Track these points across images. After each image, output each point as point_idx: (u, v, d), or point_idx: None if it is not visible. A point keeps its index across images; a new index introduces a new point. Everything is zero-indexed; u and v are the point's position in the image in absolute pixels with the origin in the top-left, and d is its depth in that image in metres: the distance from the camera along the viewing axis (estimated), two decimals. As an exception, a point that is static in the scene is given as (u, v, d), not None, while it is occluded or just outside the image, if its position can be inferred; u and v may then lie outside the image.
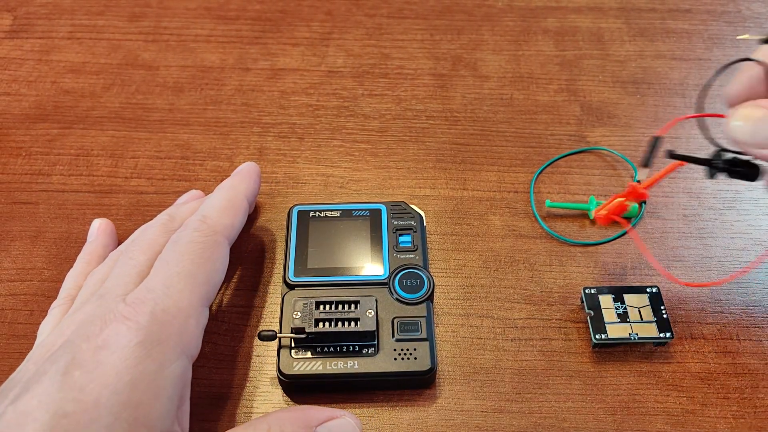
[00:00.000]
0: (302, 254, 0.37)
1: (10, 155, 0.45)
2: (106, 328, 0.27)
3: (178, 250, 0.31)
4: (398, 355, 0.33)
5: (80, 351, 0.26)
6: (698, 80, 0.49)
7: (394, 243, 0.37)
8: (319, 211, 0.38)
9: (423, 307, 0.35)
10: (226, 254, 0.33)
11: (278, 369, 0.33)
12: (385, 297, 0.35)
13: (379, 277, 0.36)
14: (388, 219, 0.38)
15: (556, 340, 0.36)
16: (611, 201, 0.37)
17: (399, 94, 0.49)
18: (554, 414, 0.34)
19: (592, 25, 0.53)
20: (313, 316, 0.33)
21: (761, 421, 0.34)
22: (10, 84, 0.49)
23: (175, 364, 0.28)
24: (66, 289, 0.35)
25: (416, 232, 0.38)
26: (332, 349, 0.33)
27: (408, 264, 0.36)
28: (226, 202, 0.35)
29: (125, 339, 0.27)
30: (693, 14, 0.54)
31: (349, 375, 0.33)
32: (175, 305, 0.29)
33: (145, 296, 0.28)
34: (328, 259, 0.36)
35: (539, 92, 0.49)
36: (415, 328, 0.34)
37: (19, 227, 0.41)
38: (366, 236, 0.37)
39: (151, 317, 0.28)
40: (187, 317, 0.29)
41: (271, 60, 0.51)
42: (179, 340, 0.28)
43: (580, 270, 0.39)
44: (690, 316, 0.37)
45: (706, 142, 0.34)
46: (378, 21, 0.53)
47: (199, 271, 0.30)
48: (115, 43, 0.52)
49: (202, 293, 0.30)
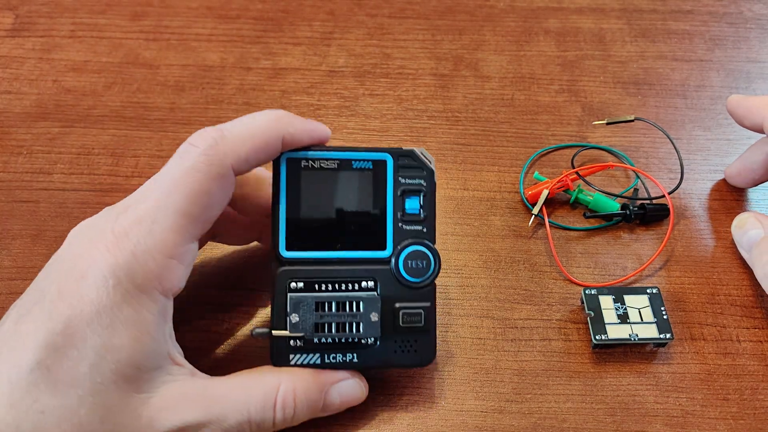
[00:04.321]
0: (294, 221, 0.31)
1: (11, 154, 0.45)
2: (93, 257, 0.27)
3: (175, 175, 0.28)
4: (399, 348, 0.32)
5: (68, 274, 0.27)
6: (699, 81, 0.49)
7: (399, 209, 0.32)
8: (313, 160, 0.32)
9: (427, 292, 0.32)
10: (228, 186, 0.29)
11: (272, 361, 0.31)
12: (388, 277, 0.32)
13: (381, 254, 0.32)
14: (394, 176, 0.32)
15: (556, 341, 0.36)
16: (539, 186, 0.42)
17: (400, 94, 0.49)
18: (554, 414, 0.34)
19: (593, 26, 0.53)
20: (312, 320, 0.31)
21: (761, 422, 0.34)
22: (11, 82, 0.49)
23: (155, 305, 0.27)
24: None
25: (426, 194, 0.32)
26: (330, 340, 0.31)
27: (414, 239, 0.32)
28: (250, 130, 0.29)
29: (102, 274, 0.26)
30: (694, 15, 0.54)
31: (348, 367, 0.32)
32: (159, 245, 0.27)
33: (130, 229, 0.27)
34: (324, 228, 0.32)
35: (540, 93, 0.49)
36: (417, 318, 0.32)
37: (19, 226, 0.41)
38: (368, 198, 0.32)
39: (132, 257, 0.27)
40: (170, 257, 0.27)
41: (273, 59, 0.51)
42: (159, 283, 0.27)
43: (580, 270, 0.39)
44: (690, 318, 0.37)
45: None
46: (379, 21, 0.53)
47: (192, 206, 0.28)
48: (116, 42, 0.52)
49: (192, 230, 0.28)
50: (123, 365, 0.26)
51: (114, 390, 0.26)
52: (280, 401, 0.29)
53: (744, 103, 0.39)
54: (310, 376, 0.31)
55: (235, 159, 0.29)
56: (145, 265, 0.27)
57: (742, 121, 0.40)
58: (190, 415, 0.27)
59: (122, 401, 0.26)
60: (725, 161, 0.44)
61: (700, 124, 0.47)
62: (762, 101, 0.39)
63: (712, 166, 0.44)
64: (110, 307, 0.26)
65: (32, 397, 0.25)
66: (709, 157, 0.45)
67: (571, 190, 0.42)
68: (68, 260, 0.27)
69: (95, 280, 0.26)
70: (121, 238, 0.27)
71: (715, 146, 0.46)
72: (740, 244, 0.39)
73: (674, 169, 0.44)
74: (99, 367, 0.26)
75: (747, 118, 0.39)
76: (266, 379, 0.30)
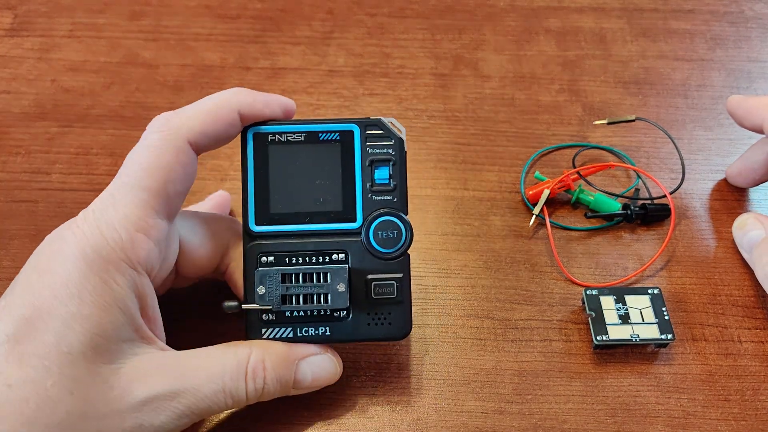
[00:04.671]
0: (262, 195, 0.32)
1: (9, 154, 0.44)
2: (63, 237, 0.28)
3: (132, 157, 0.29)
4: (372, 320, 0.32)
5: (41, 255, 0.28)
6: (700, 81, 0.49)
7: (368, 180, 0.32)
8: (279, 134, 0.32)
9: (399, 263, 0.32)
10: (187, 161, 0.30)
11: (246, 334, 0.31)
12: (359, 249, 0.32)
13: (351, 225, 0.32)
14: (362, 146, 0.32)
15: (557, 342, 0.36)
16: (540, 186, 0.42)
17: (400, 94, 0.48)
18: (555, 415, 0.34)
19: (594, 25, 0.53)
20: (279, 292, 0.31)
21: (762, 423, 0.33)
22: (9, 82, 0.49)
23: (122, 277, 0.27)
24: None
25: (395, 163, 0.32)
26: (303, 313, 0.31)
27: (384, 209, 0.32)
28: (203, 105, 0.30)
29: (70, 249, 0.27)
30: (695, 14, 0.54)
31: (320, 340, 0.32)
32: (122, 219, 0.28)
33: (94, 206, 0.29)
34: (293, 201, 0.32)
35: (541, 92, 0.48)
36: (390, 290, 0.31)
37: (18, 226, 0.41)
38: (336, 169, 0.32)
39: (97, 230, 0.28)
40: (134, 231, 0.28)
41: (272, 59, 0.50)
42: (125, 255, 0.28)
43: (581, 271, 0.39)
44: (691, 318, 0.37)
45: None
46: (379, 20, 0.53)
47: (150, 180, 0.28)
48: (115, 42, 0.51)
49: (155, 204, 0.29)
50: (92, 335, 0.26)
51: (82, 361, 0.26)
52: (250, 371, 0.29)
53: (744, 103, 0.40)
54: (281, 348, 0.31)
55: (189, 131, 0.30)
56: (110, 238, 0.28)
57: (742, 121, 0.40)
58: (162, 385, 0.27)
59: (92, 373, 0.26)
60: (726, 161, 0.44)
61: (701, 124, 0.47)
62: (761, 102, 0.39)
63: (713, 166, 0.44)
64: (78, 279, 0.27)
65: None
66: (711, 157, 0.45)
67: (572, 190, 0.42)
68: (46, 244, 0.29)
69: (64, 255, 0.27)
70: (87, 215, 0.28)
71: (716, 146, 0.45)
72: (741, 245, 0.39)
73: (675, 169, 0.44)
74: (66, 338, 0.26)
75: (747, 119, 0.39)
76: (239, 350, 0.30)
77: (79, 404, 0.25)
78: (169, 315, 0.31)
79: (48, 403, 0.25)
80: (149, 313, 0.29)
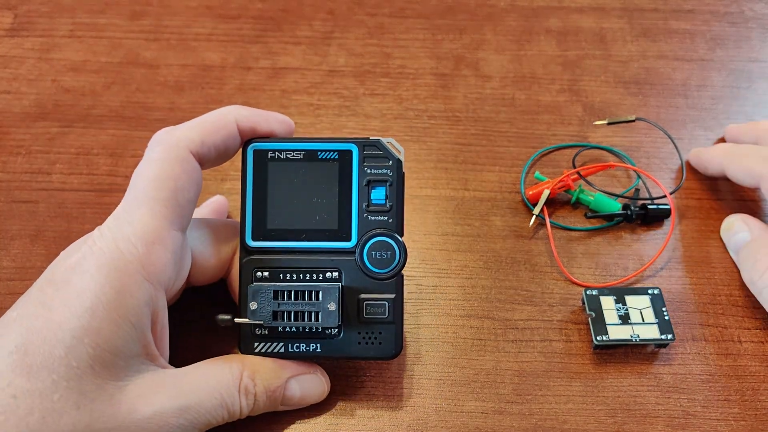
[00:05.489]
0: (260, 211, 0.32)
1: (9, 154, 0.44)
2: (79, 251, 0.28)
3: (139, 172, 0.30)
4: (362, 339, 0.32)
5: (57, 268, 0.28)
6: (701, 81, 0.49)
7: (365, 200, 0.32)
8: (279, 151, 0.33)
9: (392, 283, 0.32)
10: (192, 170, 0.30)
11: (239, 348, 0.32)
12: (353, 268, 0.32)
13: (346, 245, 0.32)
14: (359, 166, 0.32)
15: (557, 342, 0.36)
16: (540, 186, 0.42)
17: (400, 94, 0.48)
18: (555, 416, 0.34)
19: (594, 25, 0.53)
20: (270, 308, 0.31)
21: (762, 423, 0.33)
22: (10, 82, 0.49)
23: (138, 292, 0.28)
24: None
25: (392, 184, 0.32)
26: (294, 329, 0.32)
27: (379, 230, 0.32)
28: (202, 118, 0.32)
29: (87, 264, 0.27)
30: (696, 15, 0.54)
31: (311, 357, 0.32)
32: (137, 232, 0.28)
33: (109, 222, 0.29)
34: (290, 218, 0.32)
35: (541, 92, 0.48)
36: (381, 310, 0.32)
37: (18, 226, 0.41)
38: (333, 188, 0.32)
39: (113, 243, 0.28)
40: (150, 243, 0.28)
41: (273, 59, 0.50)
42: (141, 268, 0.28)
43: (581, 271, 0.39)
44: (691, 318, 0.37)
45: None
46: (380, 20, 0.53)
47: (161, 191, 0.29)
48: (115, 42, 0.51)
49: (168, 214, 0.29)
50: (101, 350, 0.26)
51: (90, 375, 0.26)
52: (243, 387, 0.30)
53: (703, 155, 0.42)
54: (271, 364, 0.31)
55: (190, 142, 0.30)
56: (127, 251, 0.28)
57: (706, 171, 0.42)
58: (169, 402, 0.28)
59: (99, 388, 0.26)
60: (727, 161, 0.44)
61: (701, 124, 0.47)
62: (715, 152, 0.41)
63: (713, 166, 0.44)
64: (93, 292, 0.27)
65: (6, 381, 0.25)
66: (711, 157, 0.45)
67: (572, 190, 0.42)
68: (61, 258, 0.29)
69: (81, 268, 0.27)
70: (103, 231, 0.28)
71: (716, 146, 0.45)
72: (729, 247, 0.40)
73: (675, 169, 0.44)
74: (75, 351, 0.26)
75: (708, 169, 0.42)
76: (233, 365, 0.30)
77: (85, 418, 0.26)
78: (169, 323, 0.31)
79: (53, 415, 0.25)
80: (158, 329, 0.29)
